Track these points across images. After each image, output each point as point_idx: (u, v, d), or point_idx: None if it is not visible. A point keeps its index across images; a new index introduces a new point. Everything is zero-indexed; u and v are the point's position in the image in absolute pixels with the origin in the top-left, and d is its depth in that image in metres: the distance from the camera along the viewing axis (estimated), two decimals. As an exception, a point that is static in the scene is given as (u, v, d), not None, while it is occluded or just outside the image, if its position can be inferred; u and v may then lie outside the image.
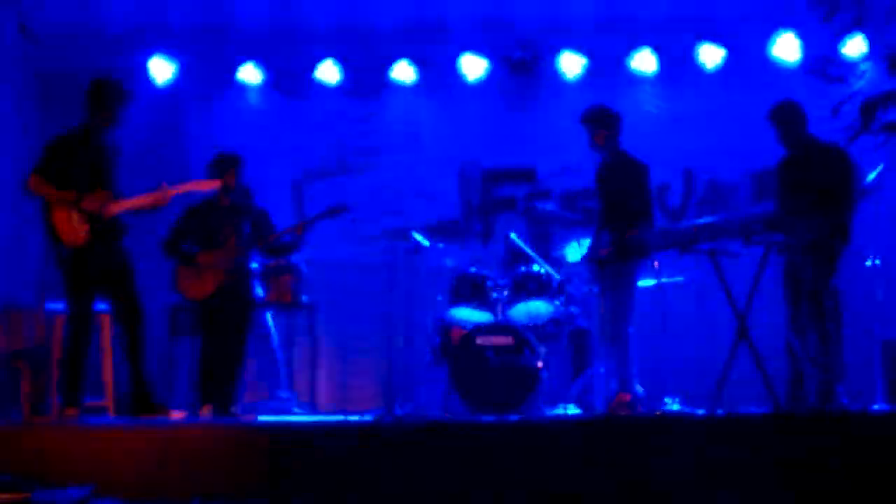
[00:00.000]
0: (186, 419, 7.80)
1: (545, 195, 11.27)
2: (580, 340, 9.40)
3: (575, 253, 9.28)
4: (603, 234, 8.45)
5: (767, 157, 9.09)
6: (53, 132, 8.40)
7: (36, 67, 11.46)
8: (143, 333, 8.04)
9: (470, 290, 9.41)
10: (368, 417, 7.82)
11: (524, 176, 11.46)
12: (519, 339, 8.90)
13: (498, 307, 9.29)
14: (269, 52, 11.47)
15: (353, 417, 7.82)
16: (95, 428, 7.26)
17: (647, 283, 9.16)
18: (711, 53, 10.87)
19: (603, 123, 8.61)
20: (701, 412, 8.15)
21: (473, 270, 9.61)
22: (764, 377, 7.65)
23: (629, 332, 8.49)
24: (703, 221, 7.81)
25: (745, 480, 6.14)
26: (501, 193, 11.48)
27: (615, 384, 8.40)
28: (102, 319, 8.61)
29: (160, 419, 7.60)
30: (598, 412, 8.58)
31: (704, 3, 10.92)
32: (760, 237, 7.51)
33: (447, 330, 9.70)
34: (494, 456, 6.46)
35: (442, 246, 10.11)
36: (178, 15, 11.21)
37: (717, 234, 7.44)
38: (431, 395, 9.59)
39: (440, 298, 9.77)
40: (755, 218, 7.43)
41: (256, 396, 10.58)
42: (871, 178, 8.70)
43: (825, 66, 8.41)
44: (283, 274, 10.09)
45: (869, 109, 7.54)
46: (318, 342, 10.45)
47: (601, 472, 6.34)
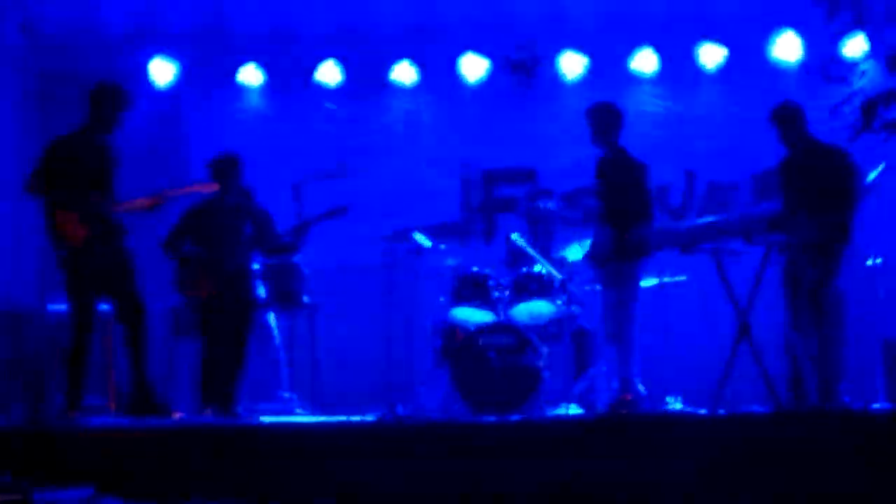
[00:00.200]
0: (188, 420, 7.80)
1: (546, 195, 11.27)
2: (582, 340, 9.39)
3: (576, 252, 9.27)
4: (603, 233, 8.43)
5: (768, 157, 9.09)
6: (54, 132, 8.40)
7: (38, 68, 11.48)
8: (145, 334, 8.04)
9: (471, 290, 9.41)
10: (370, 418, 7.82)
11: (525, 176, 11.45)
12: (521, 339, 8.90)
13: (499, 307, 9.29)
14: (269, 53, 11.49)
15: (355, 418, 7.82)
16: (97, 429, 7.26)
17: (648, 282, 9.16)
18: (712, 53, 10.88)
19: (608, 118, 8.59)
20: (703, 411, 8.15)
21: (475, 271, 9.60)
22: (765, 376, 7.65)
23: (631, 331, 8.49)
24: (704, 221, 7.81)
25: (746, 479, 6.14)
26: (502, 194, 11.48)
27: (617, 384, 8.40)
28: (104, 320, 8.59)
29: (162, 420, 7.59)
30: (600, 412, 8.58)
31: (705, 2, 10.93)
32: (762, 237, 7.51)
33: (449, 330, 9.70)
34: (496, 456, 6.47)
35: (443, 246, 10.10)
36: (178, 16, 11.23)
37: (718, 233, 7.44)
38: (433, 395, 9.58)
39: (442, 299, 9.77)
40: (756, 217, 7.43)
41: (258, 397, 10.59)
42: (871, 177, 8.70)
43: (826, 65, 8.41)
44: (284, 275, 10.09)
45: (870, 108, 7.55)
46: (319, 343, 10.43)
47: (604, 471, 6.34)
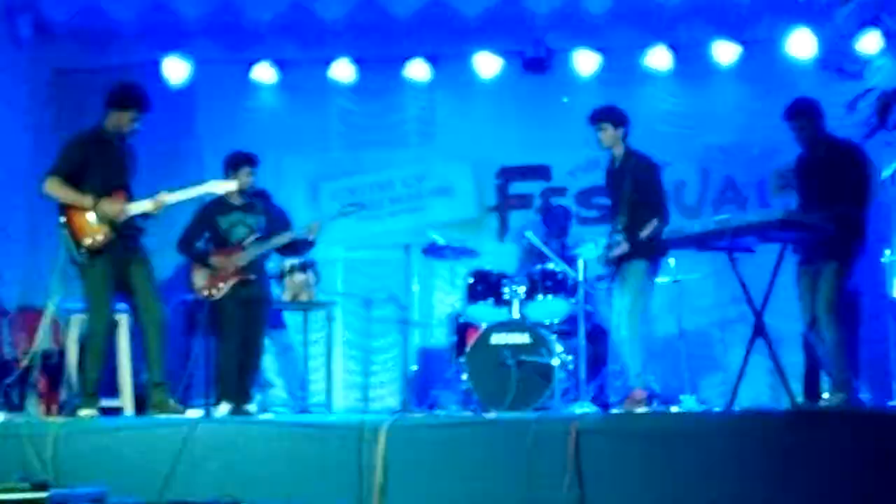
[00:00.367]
0: (203, 418, 7.79)
1: (561, 192, 11.26)
2: (596, 338, 9.38)
3: (590, 251, 9.24)
4: (618, 232, 8.40)
5: (784, 153, 9.06)
6: (68, 131, 8.40)
7: (51, 65, 11.50)
8: (164, 333, 8.02)
9: (486, 287, 9.40)
10: (385, 416, 7.81)
11: (539, 173, 11.45)
12: (535, 337, 8.89)
13: (514, 305, 9.27)
14: (283, 50, 11.48)
15: (369, 417, 7.82)
16: (112, 428, 7.25)
17: (663, 279, 9.14)
18: (726, 50, 10.83)
19: (611, 122, 8.55)
20: (717, 409, 8.14)
21: (489, 268, 9.60)
22: (780, 374, 7.62)
23: (645, 329, 8.47)
24: (718, 219, 7.78)
25: (761, 477, 6.11)
26: (517, 191, 11.48)
27: (631, 381, 8.38)
28: (119, 319, 8.60)
29: (176, 418, 7.59)
30: (614, 409, 8.56)
31: (719, -1, 10.92)
32: (777, 234, 7.48)
33: (463, 328, 9.70)
34: (512, 454, 6.46)
35: (457, 244, 10.10)
36: (192, 14, 11.22)
37: (733, 232, 7.41)
38: (448, 393, 9.59)
39: (456, 296, 9.76)
40: (772, 215, 7.39)
41: (273, 395, 10.61)
42: (886, 174, 8.67)
43: (841, 61, 8.38)
44: (299, 272, 10.10)
45: (885, 106, 7.51)
46: (334, 340, 10.44)
47: (614, 471, 6.33)
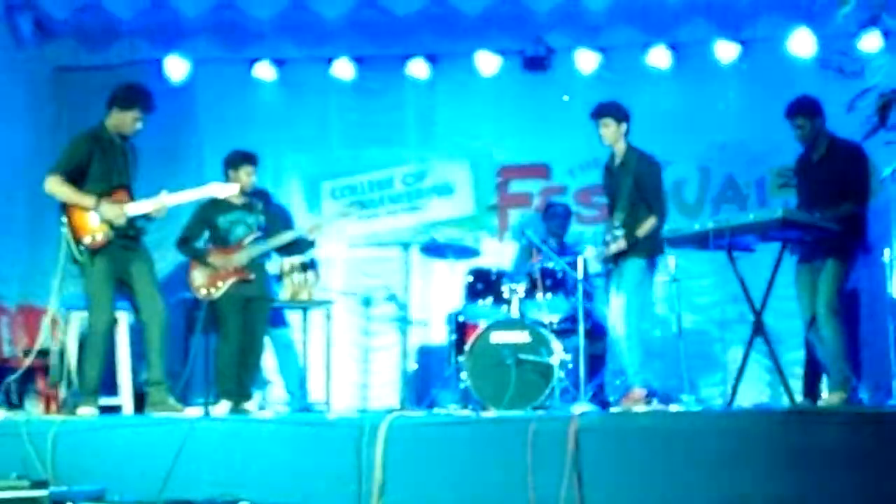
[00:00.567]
0: (202, 417, 7.79)
1: (560, 191, 11.26)
2: (596, 337, 9.39)
3: (590, 249, 9.25)
4: (616, 230, 8.40)
5: (784, 152, 9.06)
6: (68, 129, 8.42)
7: (51, 64, 11.50)
8: (164, 331, 8.03)
9: (485, 286, 9.39)
10: (384, 415, 7.81)
11: (539, 171, 11.45)
12: (534, 335, 8.89)
13: (513, 303, 9.27)
14: (283, 49, 11.49)
15: (368, 415, 7.81)
16: (111, 426, 7.26)
17: (661, 278, 9.15)
18: (727, 49, 10.83)
19: (613, 118, 8.56)
20: (716, 408, 8.14)
21: (489, 267, 9.60)
22: (780, 373, 7.63)
23: (644, 328, 8.47)
24: (718, 218, 7.78)
25: (760, 476, 6.11)
26: (516, 189, 11.48)
27: (630, 380, 8.39)
28: (119, 317, 8.60)
29: (176, 417, 7.60)
30: (613, 408, 8.56)
31: (719, -2, 10.92)
32: (777, 233, 7.48)
33: (462, 326, 9.70)
34: (511, 453, 6.45)
35: (457, 242, 10.10)
36: (193, 12, 11.22)
37: (733, 231, 7.41)
38: (447, 391, 9.59)
39: (455, 295, 9.76)
40: (772, 214, 7.39)
41: (272, 394, 10.61)
42: (886, 173, 8.66)
43: (841, 60, 8.37)
44: (298, 271, 10.10)
45: (885, 104, 7.50)
46: (333, 339, 10.44)
47: (613, 470, 6.34)
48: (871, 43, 10.21)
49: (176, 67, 11.33)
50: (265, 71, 11.45)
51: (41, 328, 8.88)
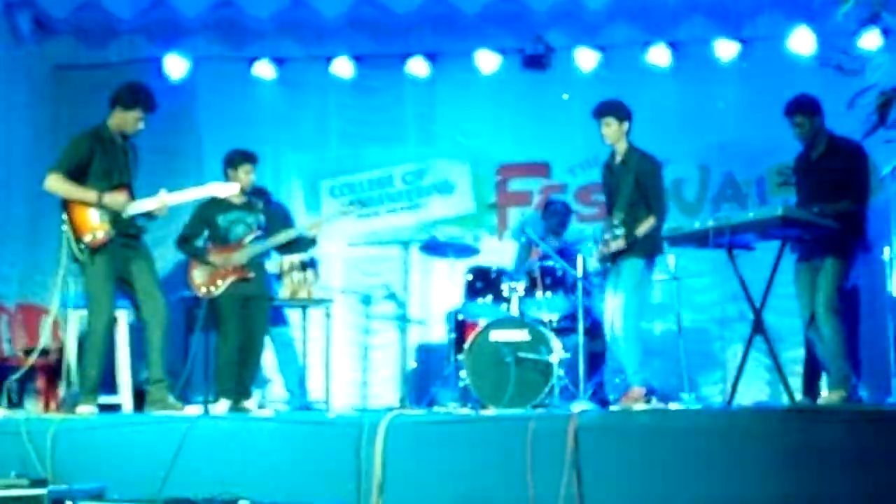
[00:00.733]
0: (201, 415, 7.79)
1: (560, 189, 11.26)
2: (595, 335, 9.38)
3: (589, 247, 9.25)
4: (617, 229, 8.38)
5: (783, 150, 9.05)
6: (67, 127, 8.40)
7: (50, 62, 11.50)
8: (165, 330, 8.02)
9: (485, 284, 9.39)
10: (384, 413, 7.81)
11: (539, 170, 11.45)
12: (534, 333, 8.89)
13: (513, 302, 9.27)
14: (283, 47, 11.48)
15: (368, 413, 7.81)
16: (110, 424, 7.25)
17: (661, 276, 9.14)
18: (726, 47, 10.83)
19: (615, 116, 8.54)
20: (716, 406, 8.13)
21: (488, 265, 9.59)
22: (779, 371, 7.63)
23: (643, 326, 8.47)
24: (718, 216, 7.77)
25: (759, 475, 6.11)
26: (516, 188, 11.47)
27: (629, 379, 8.38)
28: (118, 315, 8.59)
29: (175, 415, 7.59)
30: (612, 406, 8.56)
31: (719, -4, 10.92)
32: (776, 231, 7.48)
33: (462, 325, 9.70)
34: (510, 451, 6.45)
35: (456, 240, 10.09)
36: (192, 10, 11.21)
37: (733, 229, 7.41)
38: (446, 390, 9.59)
39: (455, 293, 9.76)
40: (772, 212, 7.38)
41: (271, 392, 10.61)
42: (885, 171, 8.66)
43: (841, 59, 8.35)
44: (298, 270, 10.10)
45: (885, 102, 7.49)
46: (333, 338, 10.44)
47: (612, 468, 6.33)
48: (870, 41, 10.20)
49: (175, 66, 11.32)
50: (265, 69, 11.44)
51: (40, 327, 8.88)
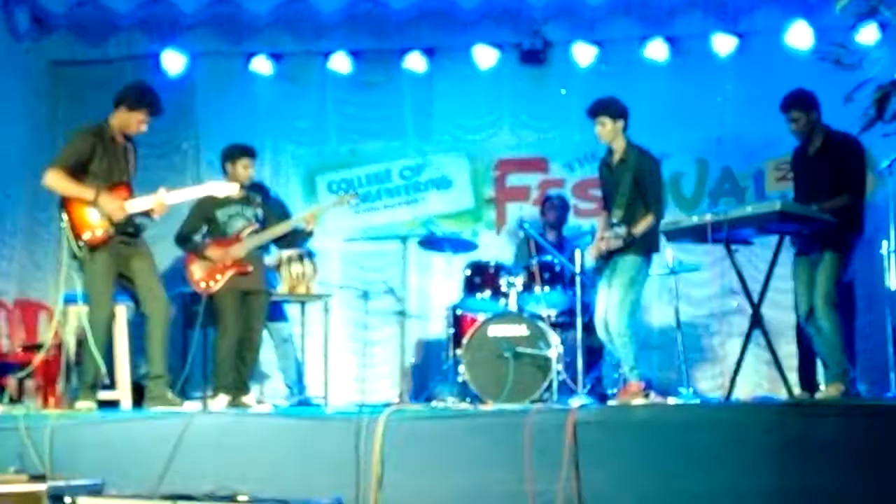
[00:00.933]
0: (200, 411, 7.79)
1: (558, 184, 11.26)
2: (594, 330, 9.37)
3: (587, 242, 9.24)
4: (617, 227, 8.35)
5: (781, 145, 9.06)
6: (65, 123, 8.39)
7: (48, 58, 11.49)
8: (166, 326, 8.01)
9: (483, 279, 9.39)
10: (382, 408, 7.82)
11: (537, 165, 11.45)
12: (532, 328, 8.89)
13: (511, 297, 9.27)
14: (281, 43, 11.48)
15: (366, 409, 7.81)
16: (109, 420, 7.26)
17: (659, 271, 9.15)
18: (724, 41, 10.83)
19: (609, 115, 8.47)
20: (714, 401, 8.14)
21: (486, 260, 9.59)
22: (778, 365, 7.64)
23: (640, 321, 8.46)
24: (716, 211, 7.77)
25: (757, 469, 6.12)
26: (514, 183, 11.48)
27: (628, 373, 8.38)
28: (117, 311, 8.59)
29: (174, 411, 7.59)
30: (611, 401, 8.56)
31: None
32: (774, 226, 7.48)
33: (460, 320, 9.70)
34: (509, 446, 6.46)
35: (455, 235, 10.09)
36: (190, 6, 11.21)
37: (731, 223, 7.41)
38: (445, 385, 9.59)
39: (453, 288, 9.76)
40: (771, 207, 7.39)
41: (270, 387, 10.61)
42: (883, 165, 8.66)
43: (838, 53, 8.35)
44: (296, 264, 10.10)
45: (883, 96, 7.49)
46: (331, 332, 10.44)
47: (611, 463, 6.34)
48: (868, 35, 10.22)
49: (173, 61, 11.31)
50: (262, 65, 11.44)
51: (39, 323, 8.88)
